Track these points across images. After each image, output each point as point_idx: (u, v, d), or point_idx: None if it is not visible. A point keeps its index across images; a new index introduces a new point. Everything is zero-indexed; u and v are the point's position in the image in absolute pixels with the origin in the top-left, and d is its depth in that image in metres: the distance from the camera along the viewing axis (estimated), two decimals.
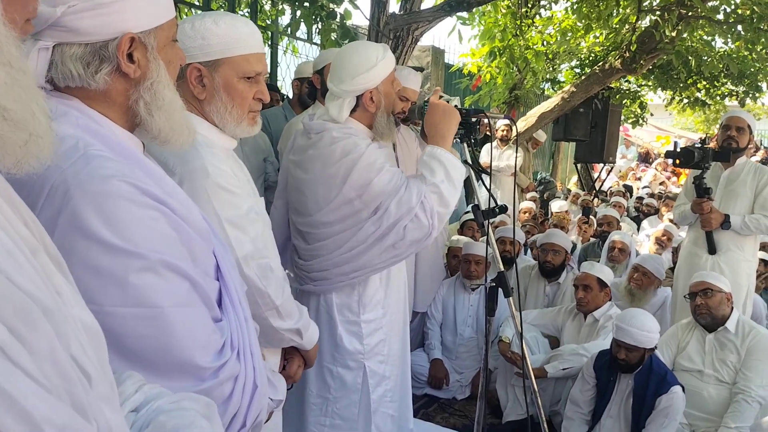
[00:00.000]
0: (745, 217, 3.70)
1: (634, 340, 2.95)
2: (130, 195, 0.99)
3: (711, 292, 3.28)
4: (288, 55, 6.47)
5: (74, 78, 1.05)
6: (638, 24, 7.04)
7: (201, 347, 1.07)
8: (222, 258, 1.20)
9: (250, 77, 1.56)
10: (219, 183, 1.50)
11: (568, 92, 7.92)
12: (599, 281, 3.59)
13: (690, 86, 9.23)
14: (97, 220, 0.97)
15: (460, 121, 2.18)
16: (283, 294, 1.62)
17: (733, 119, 3.81)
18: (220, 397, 1.10)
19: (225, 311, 1.17)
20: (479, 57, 8.08)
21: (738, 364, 3.18)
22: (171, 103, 1.13)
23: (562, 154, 13.80)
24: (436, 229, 2.08)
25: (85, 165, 0.99)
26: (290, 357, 1.84)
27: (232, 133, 1.60)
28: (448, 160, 2.07)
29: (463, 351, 4.09)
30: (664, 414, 2.91)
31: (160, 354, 1.03)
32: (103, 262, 0.98)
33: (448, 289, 4.21)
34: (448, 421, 3.71)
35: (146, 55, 1.10)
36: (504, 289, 2.23)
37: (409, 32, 4.54)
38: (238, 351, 1.15)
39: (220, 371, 1.09)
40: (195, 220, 1.11)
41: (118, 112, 1.11)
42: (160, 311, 1.02)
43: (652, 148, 18.39)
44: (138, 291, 1.00)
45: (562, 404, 3.46)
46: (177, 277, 1.04)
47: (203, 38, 1.49)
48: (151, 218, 1.02)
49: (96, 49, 1.05)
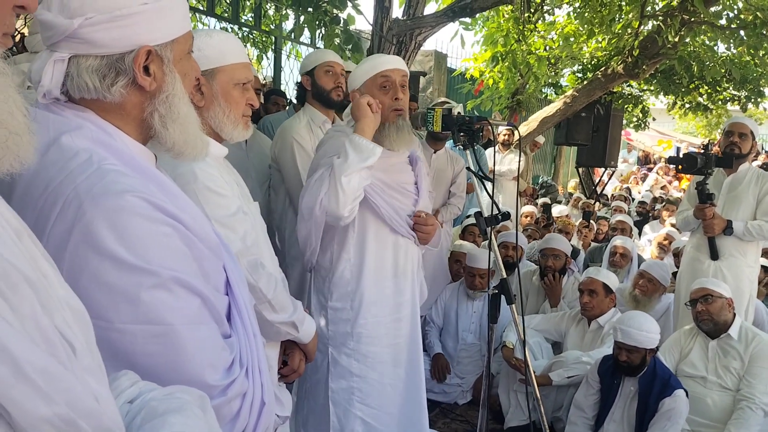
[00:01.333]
0: (747, 223, 3.70)
1: (633, 341, 2.96)
2: (143, 210, 0.99)
3: (711, 298, 3.28)
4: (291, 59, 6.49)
5: (90, 90, 1.04)
6: (641, 29, 7.04)
7: (210, 365, 1.06)
8: (232, 272, 1.19)
9: (243, 84, 1.67)
10: (208, 186, 1.56)
11: (570, 97, 7.93)
12: (605, 287, 3.59)
13: (692, 91, 9.24)
14: (110, 236, 0.96)
15: (464, 128, 2.19)
16: (275, 289, 1.66)
17: (736, 125, 3.81)
18: (228, 415, 1.10)
19: (234, 326, 1.16)
20: (482, 62, 8.09)
21: (741, 371, 3.17)
22: (186, 116, 1.13)
23: (564, 159, 13.80)
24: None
25: (99, 180, 0.98)
26: (291, 352, 1.87)
27: (229, 136, 1.67)
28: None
29: (464, 357, 4.08)
30: (667, 417, 2.91)
31: (170, 372, 1.02)
32: (115, 278, 0.97)
33: (451, 294, 4.21)
34: (450, 426, 3.71)
35: (162, 68, 1.09)
36: (507, 297, 2.24)
37: (412, 37, 4.55)
38: (247, 368, 1.15)
39: (228, 389, 1.09)
40: (207, 235, 1.11)
41: (133, 124, 1.11)
42: (170, 329, 1.01)
43: (653, 152, 18.39)
44: (149, 308, 0.99)
45: (564, 411, 3.46)
46: (188, 294, 1.04)
47: (199, 50, 1.53)
48: (164, 234, 1.01)
49: (112, 62, 1.04)
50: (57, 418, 0.65)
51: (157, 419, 0.85)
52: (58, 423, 0.65)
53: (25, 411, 0.63)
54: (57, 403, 0.65)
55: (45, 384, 0.64)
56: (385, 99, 2.26)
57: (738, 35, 6.50)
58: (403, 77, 2.31)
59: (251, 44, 6.68)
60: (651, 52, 7.02)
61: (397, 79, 2.28)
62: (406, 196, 2.39)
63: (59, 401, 0.65)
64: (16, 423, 0.63)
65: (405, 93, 2.30)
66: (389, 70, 2.28)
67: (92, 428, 0.69)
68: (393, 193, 2.35)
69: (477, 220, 2.21)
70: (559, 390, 3.52)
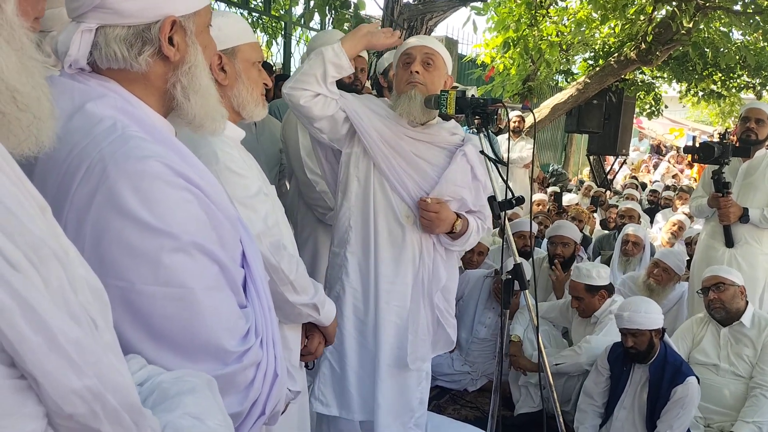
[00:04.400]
0: (763, 210, 3.66)
1: (635, 324, 2.95)
2: (165, 176, 1.00)
3: (723, 286, 3.26)
4: (301, 45, 6.45)
5: (118, 60, 1.07)
6: (654, 15, 6.95)
7: (227, 330, 1.07)
8: (248, 246, 1.20)
9: (258, 62, 1.70)
10: (229, 167, 1.55)
11: (582, 83, 7.84)
12: (587, 288, 3.52)
13: (705, 78, 9.13)
14: (133, 199, 0.97)
15: (478, 110, 2.16)
16: (297, 269, 1.66)
17: (753, 111, 3.77)
18: (243, 383, 1.11)
19: (250, 299, 1.17)
20: (493, 47, 8.01)
21: (754, 358, 3.15)
22: (207, 88, 1.16)
23: (575, 147, 13.71)
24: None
25: (122, 144, 1.00)
26: (310, 334, 1.88)
27: (250, 114, 1.69)
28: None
29: (475, 350, 4.06)
30: (680, 405, 2.89)
31: (187, 335, 1.03)
32: (137, 240, 0.98)
33: (474, 284, 4.15)
34: (460, 412, 3.71)
35: (185, 39, 1.12)
36: (520, 282, 2.21)
37: (423, 22, 4.51)
38: (262, 339, 1.16)
39: (244, 356, 1.10)
40: (225, 205, 1.12)
41: (155, 95, 1.13)
42: (189, 292, 1.02)
43: (665, 140, 18.24)
44: (169, 271, 1.00)
45: (571, 405, 3.44)
46: (207, 260, 1.05)
47: (219, 29, 1.54)
48: (185, 200, 1.02)
49: (139, 32, 1.07)
50: (87, 390, 0.65)
51: (170, 400, 0.86)
52: (87, 396, 0.65)
53: (57, 382, 0.63)
54: (88, 375, 0.65)
55: (77, 356, 0.64)
56: (404, 74, 2.29)
57: (754, 21, 6.39)
58: (426, 54, 2.29)
59: (261, 29, 6.63)
60: (664, 38, 6.92)
61: (418, 55, 2.28)
62: (422, 176, 2.32)
63: (90, 374, 0.65)
64: (46, 395, 0.63)
65: (426, 68, 2.28)
66: (410, 48, 2.31)
67: (118, 403, 0.69)
68: (405, 165, 2.30)
69: (490, 204, 2.17)
70: (566, 385, 3.51)
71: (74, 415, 0.65)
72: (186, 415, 0.84)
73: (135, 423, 0.72)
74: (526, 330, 3.74)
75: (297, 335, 1.83)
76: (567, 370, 3.43)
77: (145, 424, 0.74)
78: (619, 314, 3.02)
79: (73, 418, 0.65)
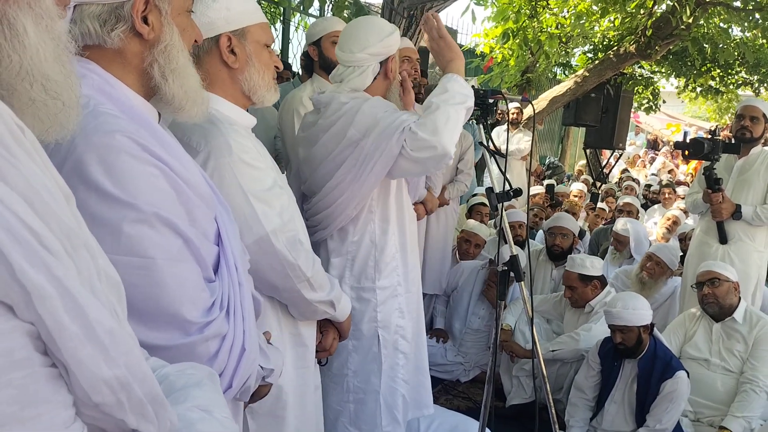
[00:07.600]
0: (756, 208, 3.67)
1: (623, 320, 2.97)
2: (131, 150, 1.04)
3: (718, 282, 3.28)
4: (300, 31, 6.40)
5: (91, 35, 1.10)
6: (654, 9, 6.94)
7: (189, 301, 1.10)
8: (224, 225, 1.23)
9: (268, 45, 1.62)
10: (243, 159, 1.51)
11: (581, 76, 7.84)
12: (580, 278, 3.55)
13: (704, 74, 9.12)
14: (98, 170, 1.01)
15: (478, 101, 2.15)
16: (313, 266, 1.61)
17: (748, 108, 3.76)
18: (205, 354, 1.14)
19: (220, 276, 1.19)
20: (492, 38, 7.99)
21: (745, 353, 3.18)
22: (184, 67, 1.18)
23: (572, 139, 13.71)
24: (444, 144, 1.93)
25: (92, 120, 1.04)
26: (325, 330, 1.85)
27: (261, 99, 1.60)
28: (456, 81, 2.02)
29: (468, 340, 4.08)
30: (669, 399, 2.92)
31: (149, 304, 1.06)
32: (100, 210, 1.02)
33: (469, 275, 4.16)
34: (452, 402, 3.73)
35: (160, 19, 1.14)
36: (516, 273, 2.22)
37: (423, 11, 4.47)
38: (227, 311, 1.18)
39: (206, 328, 1.12)
40: (197, 183, 1.15)
41: (134, 74, 1.16)
42: (151, 262, 1.05)
43: (662, 135, 18.25)
44: (131, 240, 1.04)
45: (564, 393, 3.47)
46: (170, 232, 1.08)
47: (228, 9, 1.51)
48: (150, 174, 1.06)
49: (112, 9, 1.10)
50: (116, 380, 0.65)
51: (177, 392, 0.87)
52: (115, 385, 0.65)
53: (89, 372, 0.63)
54: (118, 365, 0.65)
55: (111, 345, 0.64)
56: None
57: (753, 18, 6.39)
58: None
59: None
60: (664, 32, 6.91)
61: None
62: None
63: (120, 363, 0.66)
64: (76, 383, 0.62)
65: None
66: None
67: (143, 393, 0.69)
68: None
69: (488, 196, 2.18)
70: (559, 373, 3.53)
71: (101, 405, 0.64)
72: (195, 408, 0.85)
73: (156, 415, 0.72)
74: (518, 320, 3.76)
75: (312, 331, 1.79)
76: (563, 357, 3.44)
77: (165, 416, 0.75)
78: (608, 310, 3.04)
79: (99, 408, 0.65)
